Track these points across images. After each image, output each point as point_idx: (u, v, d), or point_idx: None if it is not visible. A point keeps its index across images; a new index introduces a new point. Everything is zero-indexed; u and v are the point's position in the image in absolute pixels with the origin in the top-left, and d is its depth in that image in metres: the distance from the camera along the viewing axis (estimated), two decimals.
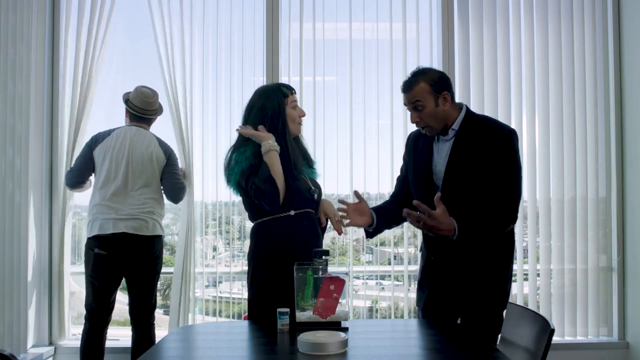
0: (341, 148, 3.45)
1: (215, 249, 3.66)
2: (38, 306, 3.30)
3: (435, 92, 2.14)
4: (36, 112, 3.27)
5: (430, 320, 2.25)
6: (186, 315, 3.30)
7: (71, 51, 3.42)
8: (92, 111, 3.36)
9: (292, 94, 2.32)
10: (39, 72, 3.31)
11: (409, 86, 2.16)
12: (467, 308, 2.17)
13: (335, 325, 1.96)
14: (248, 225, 3.13)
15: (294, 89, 2.35)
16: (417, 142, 2.32)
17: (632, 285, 3.39)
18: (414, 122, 2.21)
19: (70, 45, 3.42)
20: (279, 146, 2.21)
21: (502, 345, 1.98)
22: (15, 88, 3.04)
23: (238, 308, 3.49)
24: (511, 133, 2.15)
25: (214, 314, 3.47)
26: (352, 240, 3.56)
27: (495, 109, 3.43)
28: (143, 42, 3.42)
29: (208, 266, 3.56)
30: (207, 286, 3.51)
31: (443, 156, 2.19)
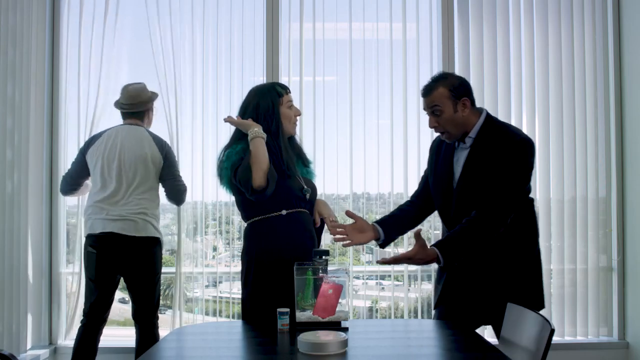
0: (341, 148, 3.45)
1: (215, 249, 3.66)
2: (38, 306, 3.30)
3: (454, 98, 2.13)
4: (36, 113, 3.27)
5: (445, 318, 2.23)
6: (182, 315, 3.30)
7: (71, 52, 3.42)
8: (93, 111, 3.35)
9: (287, 94, 2.32)
10: (39, 73, 3.31)
11: (428, 91, 2.17)
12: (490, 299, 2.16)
13: (335, 325, 1.96)
14: None
15: (289, 89, 2.35)
16: (440, 148, 2.32)
17: (632, 285, 3.39)
18: (432, 127, 2.20)
19: (70, 46, 3.42)
20: (274, 146, 2.20)
21: (502, 345, 1.98)
22: (15, 89, 3.04)
23: (238, 308, 3.48)
24: (524, 142, 2.13)
25: (214, 314, 3.47)
26: None
27: (495, 109, 3.43)
28: (143, 42, 3.41)
29: (208, 266, 3.56)
30: (207, 286, 3.51)
31: (460, 164, 2.19)
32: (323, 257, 2.06)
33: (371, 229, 2.29)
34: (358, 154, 3.45)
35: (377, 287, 3.66)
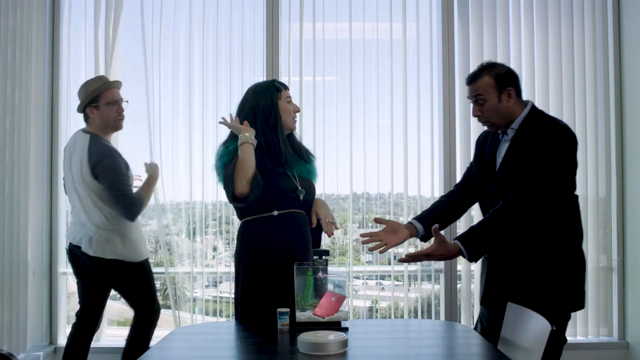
0: (341, 148, 3.45)
1: (215, 249, 3.66)
2: (38, 306, 3.30)
3: (499, 88, 2.10)
4: (36, 113, 3.27)
5: (490, 309, 2.17)
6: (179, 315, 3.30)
7: (72, 52, 3.43)
8: None
9: (286, 90, 2.33)
10: (39, 73, 3.31)
11: (473, 79, 2.14)
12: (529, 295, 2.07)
13: (335, 325, 1.96)
14: None
15: (287, 86, 2.36)
16: (486, 141, 2.29)
17: (632, 285, 3.39)
18: (475, 116, 2.17)
19: (70, 46, 3.43)
20: (272, 139, 2.20)
21: (502, 345, 1.98)
22: (15, 89, 3.04)
23: None
24: (568, 132, 2.05)
25: (214, 314, 3.47)
26: (352, 240, 3.56)
27: None
28: (143, 42, 3.41)
29: (208, 266, 3.56)
30: (207, 286, 3.51)
31: (502, 156, 2.15)
32: (323, 257, 2.06)
33: (404, 228, 2.24)
34: (358, 154, 3.45)
35: (377, 287, 3.66)
